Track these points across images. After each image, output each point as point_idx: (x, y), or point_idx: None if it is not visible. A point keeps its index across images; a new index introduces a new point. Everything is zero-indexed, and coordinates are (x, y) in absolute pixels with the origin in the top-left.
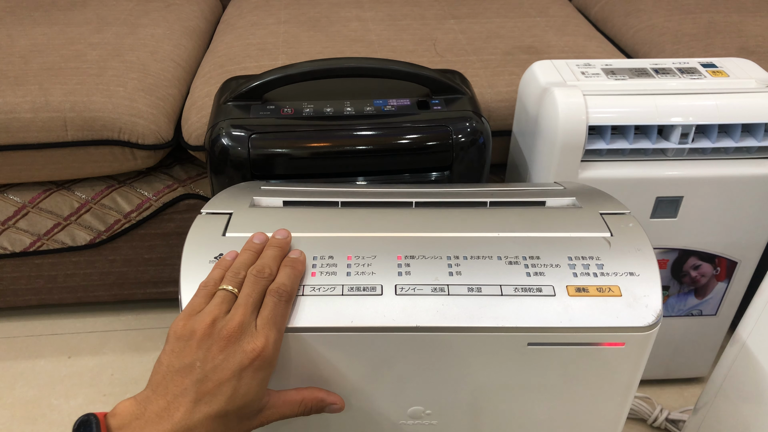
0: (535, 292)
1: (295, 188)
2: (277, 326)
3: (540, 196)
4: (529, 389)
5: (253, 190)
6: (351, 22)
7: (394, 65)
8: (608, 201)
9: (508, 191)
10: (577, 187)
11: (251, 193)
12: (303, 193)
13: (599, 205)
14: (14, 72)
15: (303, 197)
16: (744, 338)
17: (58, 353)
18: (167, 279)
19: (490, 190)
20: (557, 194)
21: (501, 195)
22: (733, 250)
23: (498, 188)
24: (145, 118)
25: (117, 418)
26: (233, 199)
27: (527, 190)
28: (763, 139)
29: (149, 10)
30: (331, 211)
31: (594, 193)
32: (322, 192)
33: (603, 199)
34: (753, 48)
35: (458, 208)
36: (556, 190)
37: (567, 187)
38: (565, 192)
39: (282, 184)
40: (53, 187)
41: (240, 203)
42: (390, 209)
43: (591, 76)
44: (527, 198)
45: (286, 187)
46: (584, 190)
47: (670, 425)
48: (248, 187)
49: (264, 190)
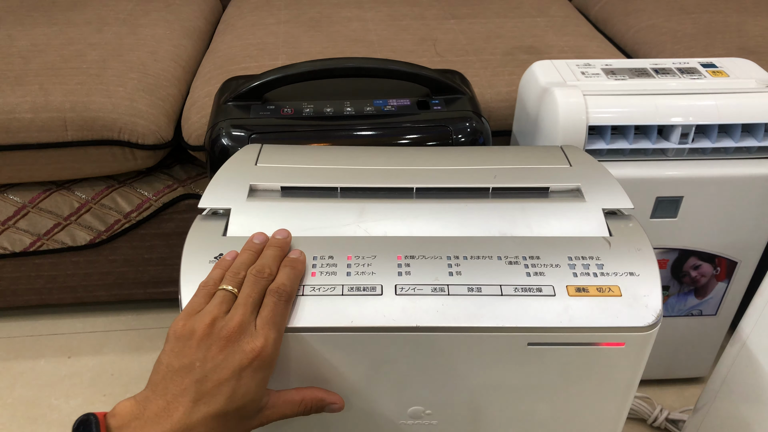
0: (535, 292)
1: (293, 166)
2: (277, 326)
3: (544, 179)
4: (529, 389)
5: (250, 170)
6: (351, 22)
7: (394, 65)
8: (611, 188)
9: (511, 171)
10: (582, 164)
11: (249, 175)
12: (301, 174)
13: (602, 193)
14: (14, 72)
15: (301, 181)
16: (744, 338)
17: (58, 353)
18: (167, 279)
19: (494, 168)
20: (561, 177)
21: (504, 176)
22: (733, 250)
23: (501, 166)
24: (145, 118)
25: (116, 418)
26: (230, 185)
27: (531, 170)
28: (763, 139)
29: (149, 10)
30: (330, 205)
31: (598, 174)
32: (320, 173)
33: (606, 184)
34: (753, 48)
35: (459, 199)
36: (561, 171)
37: (572, 163)
38: (569, 174)
39: (281, 153)
40: (53, 187)
41: (237, 193)
42: (389, 202)
43: (591, 76)
44: (531, 183)
45: (284, 163)
46: (588, 169)
47: (670, 425)
48: (245, 161)
49: (261, 170)
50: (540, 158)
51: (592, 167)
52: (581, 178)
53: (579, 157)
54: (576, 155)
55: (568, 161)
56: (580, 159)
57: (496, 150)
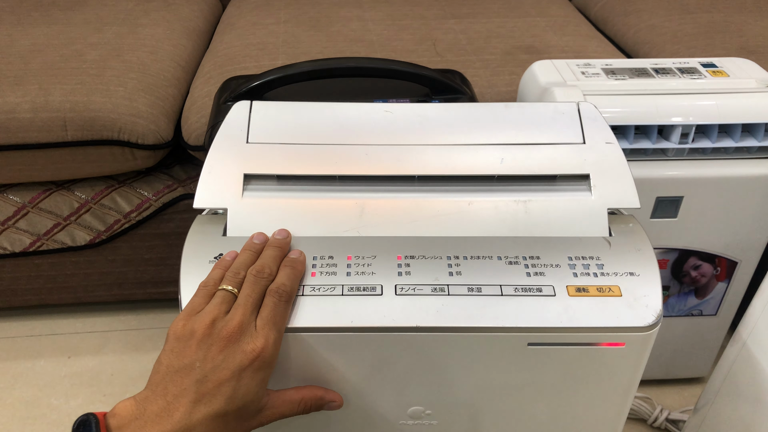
0: (535, 292)
1: (288, 147)
2: (277, 326)
3: (553, 164)
4: (529, 389)
5: (242, 151)
6: (351, 22)
7: (394, 65)
8: (621, 179)
9: (520, 152)
10: (596, 138)
11: (242, 159)
12: (298, 157)
13: (610, 186)
14: (14, 72)
15: (298, 167)
16: (744, 338)
17: (58, 353)
18: (167, 279)
19: (502, 146)
20: (571, 161)
21: (512, 159)
22: (734, 250)
23: (510, 140)
24: (145, 118)
25: (116, 418)
26: (223, 176)
27: (541, 151)
28: (763, 139)
29: (149, 10)
30: (329, 203)
31: (610, 157)
32: (318, 155)
33: (617, 174)
34: (753, 48)
35: (462, 190)
36: (573, 151)
37: (586, 137)
38: (580, 154)
39: (273, 109)
40: (53, 187)
41: (232, 191)
42: (389, 195)
43: (591, 76)
44: (538, 170)
45: (278, 140)
46: (601, 148)
47: (670, 425)
48: (235, 138)
49: (254, 150)
50: (552, 126)
51: (606, 146)
52: (592, 164)
53: (594, 126)
54: (591, 125)
55: (582, 132)
56: (594, 129)
57: (508, 112)
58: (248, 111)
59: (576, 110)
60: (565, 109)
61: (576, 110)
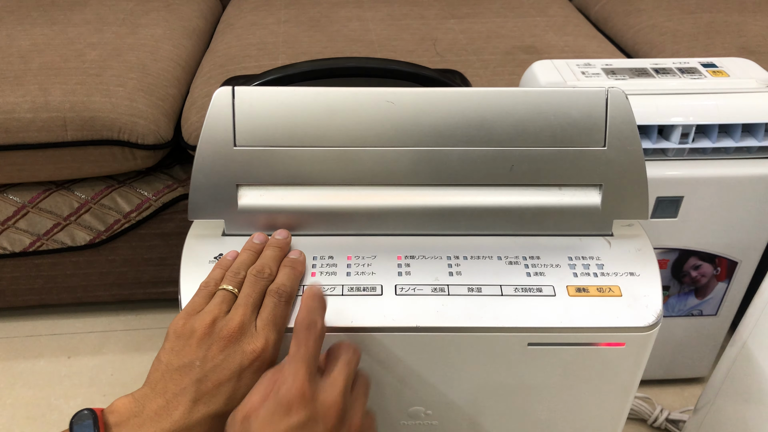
0: (535, 292)
1: (280, 151)
2: (277, 327)
3: (565, 173)
4: (530, 389)
5: (230, 157)
6: (351, 22)
7: (394, 65)
8: (637, 191)
9: (533, 157)
10: (619, 141)
11: (232, 170)
12: (292, 162)
13: (622, 199)
14: (14, 72)
15: (293, 177)
16: (744, 338)
17: (58, 353)
18: (167, 279)
19: (514, 151)
20: (586, 170)
21: (522, 166)
22: (734, 250)
23: (524, 146)
24: (145, 118)
25: (115, 414)
26: (215, 188)
27: (555, 156)
28: (763, 139)
29: (149, 10)
30: (329, 203)
31: (631, 167)
32: (314, 160)
33: (632, 188)
34: (753, 48)
35: (463, 187)
36: (591, 156)
37: (608, 140)
38: (598, 160)
39: (259, 97)
40: (53, 187)
41: (225, 202)
42: (390, 195)
43: (591, 76)
44: (549, 179)
45: (269, 142)
46: (622, 156)
47: (670, 425)
48: (222, 143)
49: (244, 156)
50: (573, 123)
51: (627, 153)
52: (608, 173)
53: (618, 124)
54: (617, 122)
55: (605, 131)
56: (618, 128)
57: (525, 102)
58: (231, 101)
59: (604, 100)
60: (590, 100)
61: (604, 100)
